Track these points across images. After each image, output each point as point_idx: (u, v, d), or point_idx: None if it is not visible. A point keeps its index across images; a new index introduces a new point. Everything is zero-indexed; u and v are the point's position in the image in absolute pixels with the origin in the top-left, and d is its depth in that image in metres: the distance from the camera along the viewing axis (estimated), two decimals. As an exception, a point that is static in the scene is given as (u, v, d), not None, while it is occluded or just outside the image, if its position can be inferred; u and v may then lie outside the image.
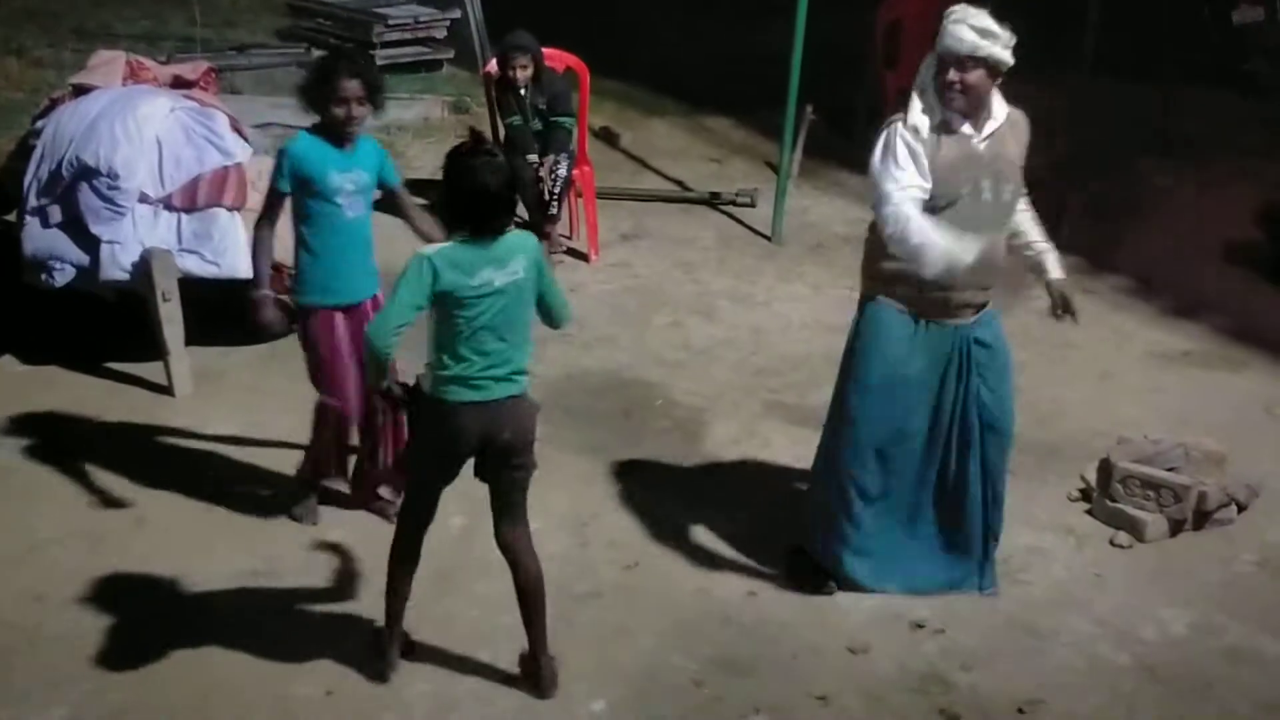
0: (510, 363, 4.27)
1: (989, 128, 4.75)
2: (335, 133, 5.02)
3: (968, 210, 4.71)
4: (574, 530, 5.45)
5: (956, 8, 4.68)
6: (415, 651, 4.68)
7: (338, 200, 5.01)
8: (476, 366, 4.22)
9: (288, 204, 5.07)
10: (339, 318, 5.12)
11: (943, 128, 4.69)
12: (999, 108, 4.78)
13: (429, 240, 4.84)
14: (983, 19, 4.63)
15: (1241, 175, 9.07)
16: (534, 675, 4.56)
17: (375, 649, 4.62)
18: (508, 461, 4.38)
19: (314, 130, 5.06)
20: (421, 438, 4.41)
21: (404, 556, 4.52)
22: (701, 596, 5.09)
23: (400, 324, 4.16)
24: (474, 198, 4.15)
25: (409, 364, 4.44)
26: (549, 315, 4.42)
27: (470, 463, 4.43)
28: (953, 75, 4.63)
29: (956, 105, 4.67)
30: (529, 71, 7.70)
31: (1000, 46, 4.62)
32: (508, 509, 4.47)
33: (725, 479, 5.85)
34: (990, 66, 4.63)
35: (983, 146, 4.75)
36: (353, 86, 4.96)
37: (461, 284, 4.14)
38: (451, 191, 4.20)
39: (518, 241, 4.25)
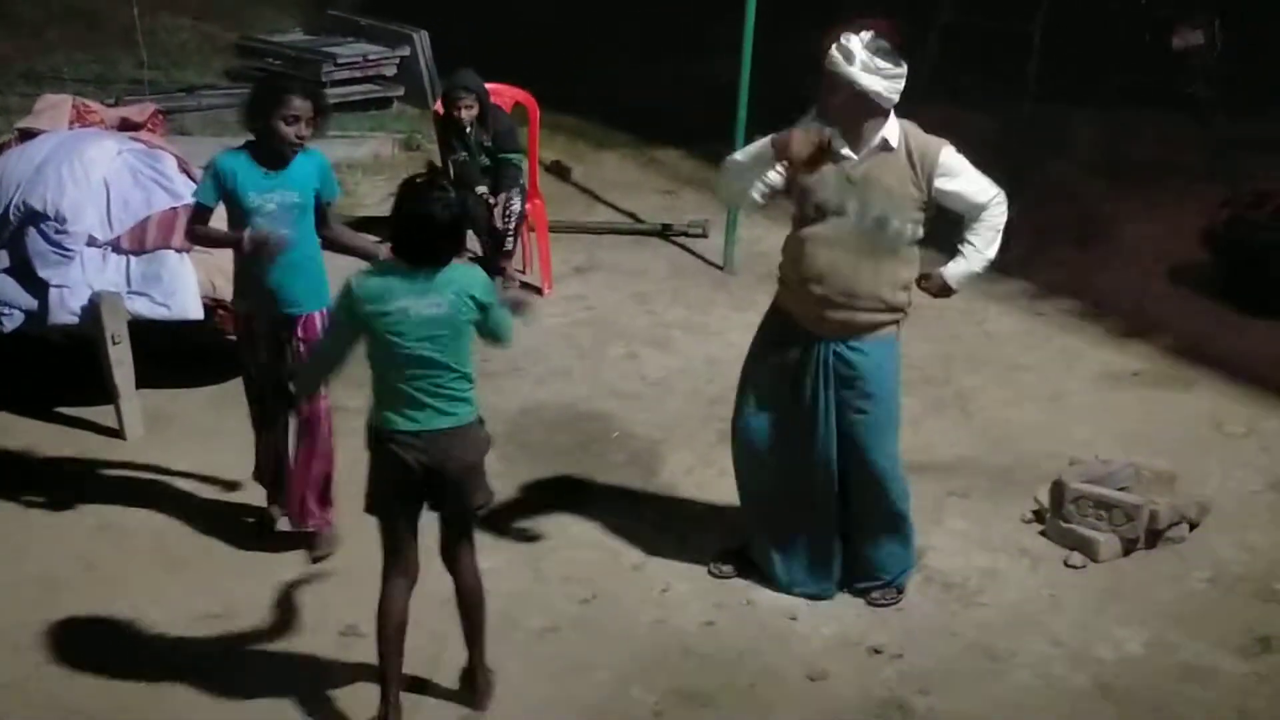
0: (440, 392, 4.26)
1: (864, 153, 4.79)
2: (270, 151, 5.01)
3: (832, 229, 4.83)
4: (530, 564, 5.44)
5: (861, 34, 4.70)
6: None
7: (257, 220, 5.00)
8: (404, 395, 4.25)
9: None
10: (261, 329, 5.14)
11: None
12: (888, 135, 4.79)
13: (364, 255, 5.13)
14: (862, 46, 4.66)
15: (1186, 197, 9.19)
16: (471, 686, 4.60)
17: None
18: (455, 494, 4.38)
19: (245, 147, 5.06)
20: (371, 466, 4.42)
21: (384, 613, 4.40)
22: (659, 627, 5.09)
23: (333, 344, 4.37)
24: (416, 227, 4.19)
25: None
26: (488, 336, 4.41)
27: None
28: (825, 94, 4.74)
29: (823, 119, 4.77)
30: (474, 111, 7.72)
31: (868, 75, 4.66)
32: (455, 535, 4.49)
33: (682, 509, 5.85)
34: (854, 92, 4.68)
35: (856, 170, 4.79)
36: (305, 106, 4.97)
37: (374, 310, 4.19)
38: (397, 217, 4.24)
39: (452, 275, 4.24)
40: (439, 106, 8.06)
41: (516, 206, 7.79)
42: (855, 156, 4.81)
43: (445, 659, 4.75)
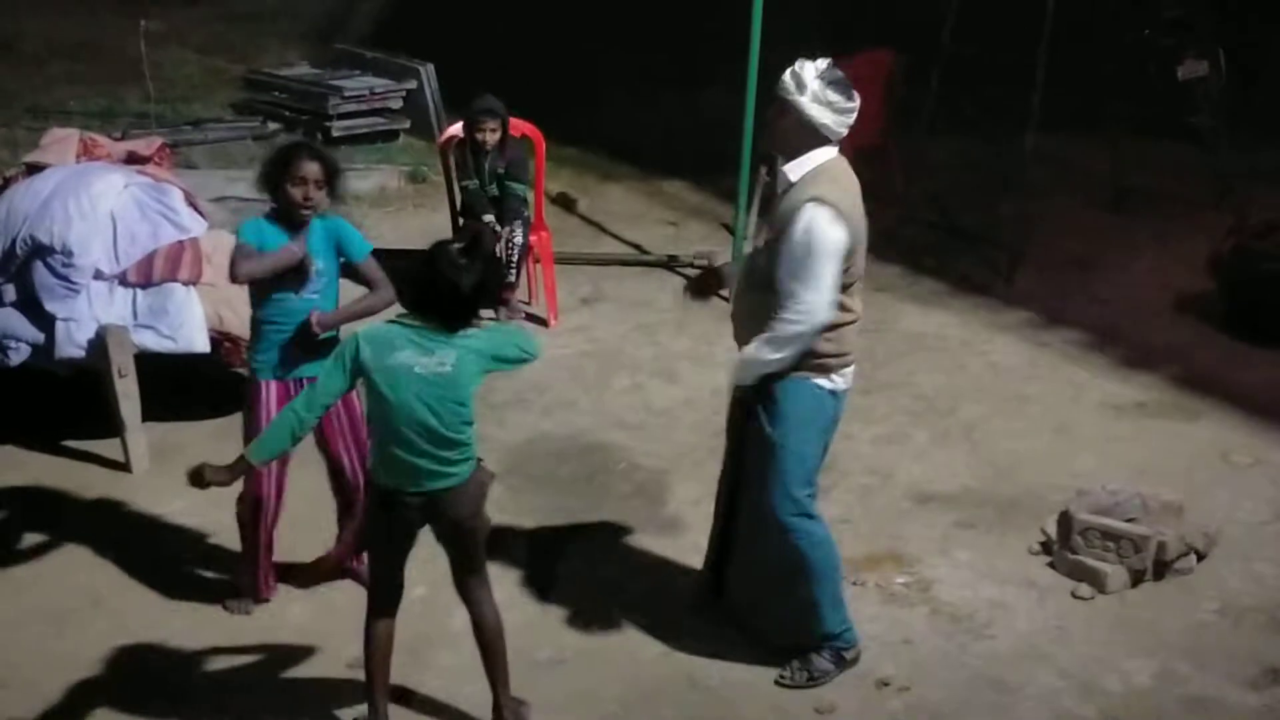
0: (440, 453, 4.25)
1: (783, 185, 4.69)
2: (289, 217, 5.02)
3: (751, 256, 4.79)
4: (536, 596, 5.43)
5: (817, 63, 4.60)
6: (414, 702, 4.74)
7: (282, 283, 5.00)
8: (405, 455, 4.24)
9: None
10: (281, 391, 5.07)
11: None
12: (789, 170, 4.64)
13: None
14: (815, 75, 4.55)
15: (1190, 227, 9.20)
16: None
17: None
18: (457, 538, 4.45)
19: (268, 215, 5.07)
20: (370, 513, 4.48)
21: (375, 626, 4.50)
22: (666, 660, 5.07)
23: (322, 398, 4.29)
24: (435, 291, 4.19)
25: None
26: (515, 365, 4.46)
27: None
28: (772, 118, 4.67)
29: (764, 142, 4.73)
30: (496, 135, 7.76)
31: (817, 106, 4.53)
32: (463, 566, 4.52)
33: (689, 541, 5.83)
34: (799, 120, 4.56)
35: (778, 199, 4.72)
36: (312, 169, 4.96)
37: (378, 362, 4.19)
38: (422, 274, 4.21)
39: (469, 341, 4.24)
40: (456, 130, 8.09)
41: (519, 238, 7.81)
42: (780, 188, 4.71)
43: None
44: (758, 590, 5.03)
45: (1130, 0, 10.04)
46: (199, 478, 4.40)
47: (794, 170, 4.65)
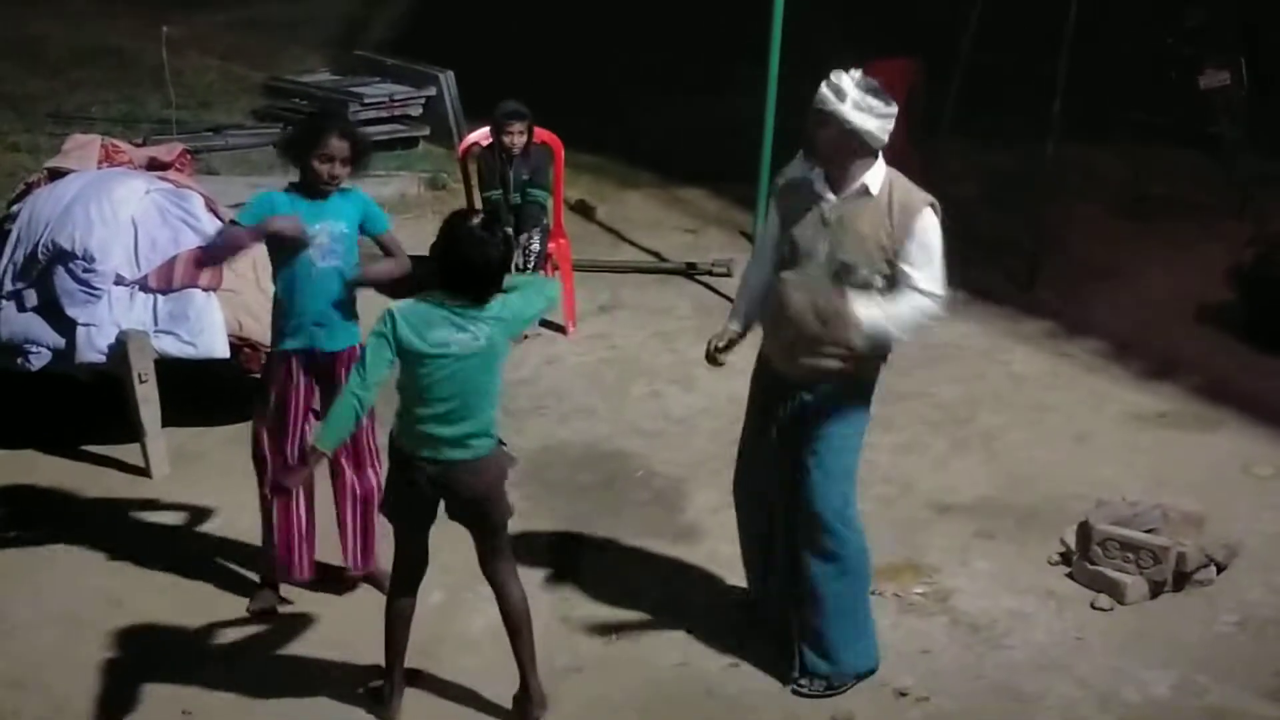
0: (464, 425, 4.39)
1: (844, 195, 4.70)
2: (310, 188, 5.04)
3: (804, 269, 4.75)
4: (554, 603, 5.43)
5: (852, 73, 4.64)
6: (420, 679, 4.83)
7: (308, 251, 5.01)
8: (429, 424, 4.37)
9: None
10: (299, 368, 5.10)
11: (807, 182, 4.75)
12: (870, 180, 4.68)
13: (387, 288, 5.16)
14: (854, 84, 4.59)
15: (1211, 236, 9.17)
16: (523, 702, 4.66)
17: (377, 697, 4.73)
18: (475, 518, 4.55)
19: (289, 189, 5.09)
20: (389, 477, 4.62)
21: (393, 605, 4.66)
22: (683, 669, 5.07)
23: (374, 376, 4.35)
24: (469, 267, 4.31)
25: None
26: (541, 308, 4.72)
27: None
28: (813, 130, 4.68)
29: (810, 159, 4.74)
30: (524, 138, 7.75)
31: (859, 113, 4.56)
32: (488, 549, 4.62)
33: (706, 549, 5.83)
34: (844, 130, 4.58)
35: (833, 213, 4.70)
36: (341, 147, 4.99)
37: (416, 341, 4.30)
38: (444, 255, 4.34)
39: (490, 309, 4.36)
40: (481, 137, 8.09)
41: (536, 246, 7.79)
42: (835, 198, 4.70)
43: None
44: (811, 599, 4.95)
45: (1152, 9, 10.02)
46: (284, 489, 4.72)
47: (872, 180, 4.68)
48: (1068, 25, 8.71)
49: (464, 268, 4.31)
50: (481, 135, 8.05)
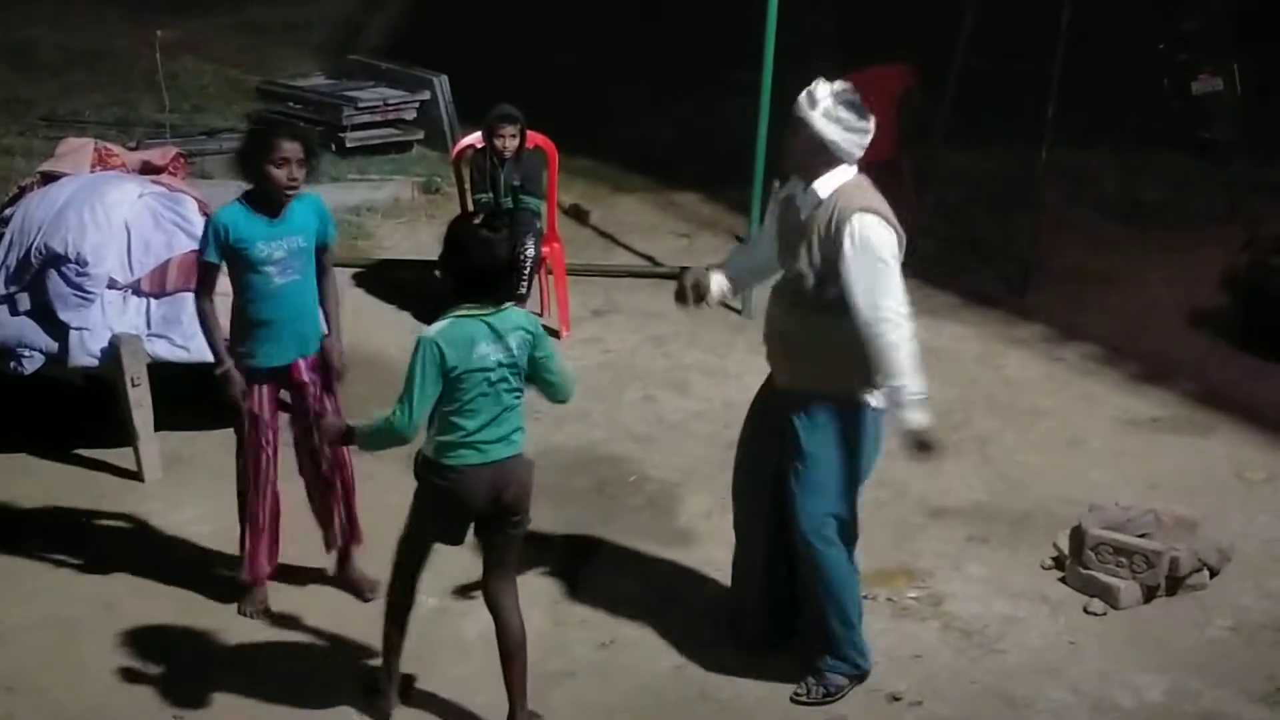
0: (508, 423, 4.43)
1: (809, 205, 4.69)
2: (269, 199, 5.01)
3: (781, 282, 4.82)
4: (548, 608, 5.42)
5: (834, 84, 4.64)
6: (413, 690, 4.81)
7: (266, 269, 5.01)
8: (478, 432, 4.36)
9: None
10: (264, 385, 5.12)
11: (793, 196, 4.77)
12: (822, 188, 4.65)
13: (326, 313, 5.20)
14: (829, 94, 4.59)
15: (1204, 240, 9.19)
16: None
17: (373, 691, 4.73)
18: (508, 519, 4.52)
19: (244, 199, 5.07)
20: (425, 501, 4.52)
21: (396, 603, 4.68)
22: (677, 673, 5.07)
23: (421, 414, 4.30)
24: (485, 271, 4.31)
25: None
26: (551, 391, 4.59)
27: None
28: (789, 136, 4.72)
29: (784, 165, 4.77)
30: (516, 142, 7.77)
31: (828, 123, 4.56)
32: (499, 566, 4.60)
33: (701, 553, 5.83)
34: (812, 138, 4.59)
35: (805, 218, 4.71)
36: (294, 149, 4.97)
37: (463, 360, 4.28)
38: (458, 262, 4.34)
39: (516, 318, 4.39)
40: (468, 142, 8.10)
41: (531, 250, 7.80)
42: (806, 206, 4.71)
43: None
44: (805, 607, 5.00)
45: (1146, 15, 10.04)
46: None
47: (823, 187, 4.66)
48: (1062, 30, 8.72)
49: (478, 273, 4.31)
50: (475, 139, 8.06)
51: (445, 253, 4.39)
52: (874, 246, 4.56)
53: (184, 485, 6.25)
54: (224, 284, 6.23)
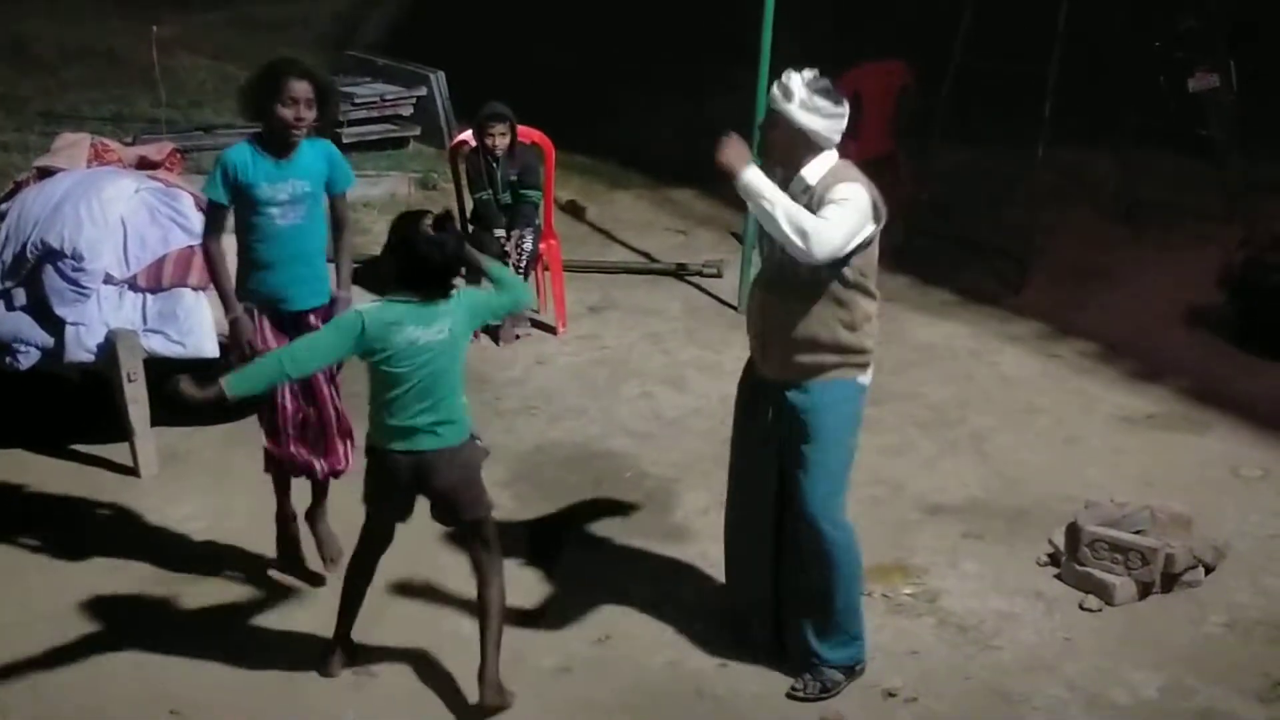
0: (434, 414, 4.51)
1: (794, 193, 4.68)
2: (277, 140, 4.97)
3: (766, 267, 4.86)
4: (543, 604, 5.42)
5: (804, 73, 4.66)
6: (357, 658, 4.96)
7: (269, 211, 5.00)
8: (401, 417, 4.50)
9: None
10: (268, 324, 5.11)
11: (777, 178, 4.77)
12: (808, 174, 4.68)
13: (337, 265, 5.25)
14: (803, 84, 4.62)
15: (1201, 239, 9.21)
16: (480, 684, 4.70)
17: (323, 658, 4.94)
18: (453, 509, 4.67)
19: (253, 140, 5.03)
20: (367, 477, 4.72)
21: (356, 573, 4.88)
22: (673, 669, 5.07)
23: (315, 364, 4.55)
24: (422, 267, 4.45)
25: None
26: (504, 301, 4.78)
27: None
28: (767, 129, 4.77)
29: (763, 159, 4.78)
30: (506, 140, 7.78)
31: (806, 113, 4.59)
32: (470, 543, 4.77)
33: (697, 549, 5.83)
34: (791, 129, 4.63)
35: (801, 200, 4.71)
36: (303, 88, 4.91)
37: (388, 342, 4.42)
38: (400, 255, 4.48)
39: (449, 303, 4.51)
40: (468, 137, 8.10)
41: (529, 245, 7.82)
42: (794, 194, 4.70)
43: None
44: (804, 599, 4.97)
45: (1142, 13, 10.04)
46: (177, 392, 4.53)
47: (811, 173, 4.68)
48: (1059, 29, 8.73)
49: (418, 268, 4.45)
50: (469, 135, 8.07)
51: (391, 242, 4.51)
52: (851, 196, 4.58)
53: (180, 481, 6.25)
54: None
